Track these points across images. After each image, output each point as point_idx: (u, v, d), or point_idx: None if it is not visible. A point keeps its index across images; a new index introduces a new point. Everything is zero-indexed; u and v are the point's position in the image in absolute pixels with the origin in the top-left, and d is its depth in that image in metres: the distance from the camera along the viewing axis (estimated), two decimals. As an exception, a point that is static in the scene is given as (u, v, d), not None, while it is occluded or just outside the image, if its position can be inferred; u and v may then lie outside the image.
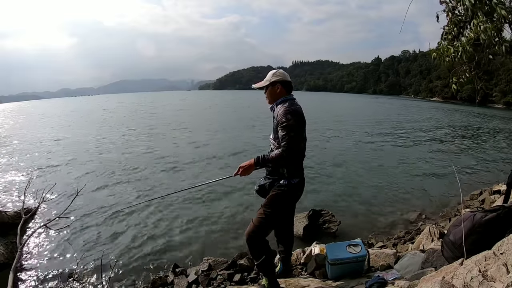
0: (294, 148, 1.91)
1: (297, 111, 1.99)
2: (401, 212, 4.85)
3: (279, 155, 1.90)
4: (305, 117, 2.10)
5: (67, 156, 8.79)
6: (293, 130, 1.89)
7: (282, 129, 1.90)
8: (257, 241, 2.02)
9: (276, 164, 1.99)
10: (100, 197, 5.41)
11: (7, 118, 24.59)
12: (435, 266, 2.14)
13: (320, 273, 2.47)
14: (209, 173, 6.83)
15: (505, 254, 1.52)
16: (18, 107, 44.64)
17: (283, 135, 1.89)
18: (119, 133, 13.28)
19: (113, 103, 42.13)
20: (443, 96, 61.59)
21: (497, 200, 4.15)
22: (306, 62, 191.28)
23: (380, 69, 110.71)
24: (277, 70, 2.14)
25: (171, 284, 2.93)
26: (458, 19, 2.52)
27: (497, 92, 45.48)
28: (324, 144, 10.60)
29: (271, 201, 2.02)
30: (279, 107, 2.01)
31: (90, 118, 21.04)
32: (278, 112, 1.98)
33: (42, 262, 3.43)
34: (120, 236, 4.03)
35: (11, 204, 5.00)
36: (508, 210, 1.97)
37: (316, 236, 3.78)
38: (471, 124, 18.73)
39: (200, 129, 14.18)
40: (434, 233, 2.94)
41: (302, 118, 2.02)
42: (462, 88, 2.82)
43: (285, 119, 1.90)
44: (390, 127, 16.03)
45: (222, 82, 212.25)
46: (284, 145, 1.88)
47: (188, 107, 32.57)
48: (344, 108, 33.83)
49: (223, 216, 4.65)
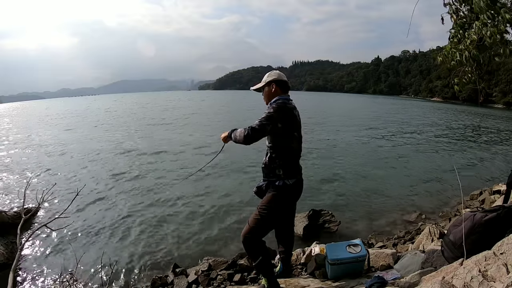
0: (257, 135, 1.92)
1: (287, 108, 1.99)
2: (401, 212, 4.85)
3: (242, 132, 1.94)
4: (300, 117, 2.10)
5: (67, 156, 8.80)
6: (270, 119, 1.91)
7: (262, 116, 1.94)
8: (253, 242, 2.00)
9: (236, 140, 2.02)
10: (100, 197, 5.40)
11: (7, 118, 24.60)
12: (435, 266, 2.14)
13: (320, 273, 2.47)
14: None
15: (505, 254, 1.52)
16: (17, 107, 44.63)
17: (258, 119, 1.92)
18: (119, 133, 13.29)
19: (113, 104, 42.11)
20: (443, 96, 61.62)
21: (497, 200, 4.15)
22: (306, 62, 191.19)
23: (380, 69, 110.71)
24: (272, 71, 2.14)
25: (171, 284, 2.93)
26: (463, 22, 2.51)
27: (497, 92, 45.49)
28: (323, 143, 10.59)
29: (267, 202, 2.01)
30: (273, 104, 2.01)
31: (90, 118, 21.03)
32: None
33: (42, 262, 3.43)
34: (120, 236, 4.03)
35: (11, 204, 5.00)
36: (508, 210, 1.96)
37: (316, 236, 3.79)
38: (471, 124, 18.73)
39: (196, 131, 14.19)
40: (434, 233, 2.94)
41: (291, 115, 2.00)
42: (463, 88, 2.81)
43: (269, 110, 1.95)
44: (390, 127, 16.02)
45: (222, 82, 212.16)
46: (252, 124, 1.91)
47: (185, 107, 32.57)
48: (344, 108, 33.83)
49: (223, 216, 4.64)
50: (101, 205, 5.01)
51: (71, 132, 13.98)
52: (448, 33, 2.69)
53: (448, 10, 2.60)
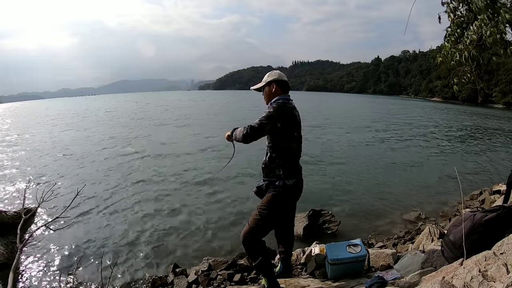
0: (256, 134, 1.92)
1: (286, 108, 1.99)
2: (401, 212, 4.85)
3: (241, 130, 1.95)
4: (300, 117, 2.10)
5: (67, 156, 8.80)
6: (270, 119, 1.91)
7: (262, 115, 1.94)
8: (252, 242, 2.00)
9: (236, 139, 2.02)
10: (100, 197, 5.40)
11: (7, 118, 24.59)
12: (435, 266, 2.14)
13: (320, 273, 2.47)
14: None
15: (505, 254, 1.52)
16: (16, 107, 44.63)
17: (259, 118, 1.93)
18: (119, 133, 13.29)
19: (113, 104, 42.11)
20: (443, 96, 61.57)
21: (497, 200, 4.15)
22: (306, 62, 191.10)
23: (380, 69, 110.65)
24: (273, 71, 2.15)
25: (171, 284, 2.93)
26: (461, 21, 2.51)
27: (497, 92, 45.44)
28: (324, 144, 10.59)
29: (267, 202, 2.01)
30: (273, 104, 2.01)
31: (90, 119, 21.03)
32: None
33: (42, 262, 3.43)
34: (120, 236, 4.03)
35: (11, 204, 5.00)
36: (508, 210, 1.96)
37: (316, 236, 3.78)
38: (471, 124, 18.71)
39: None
40: (434, 233, 2.94)
41: (290, 115, 2.01)
42: (463, 88, 2.81)
43: (269, 110, 1.95)
44: (390, 127, 16.02)
45: (222, 82, 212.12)
46: (252, 123, 1.92)
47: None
48: (344, 108, 33.83)
49: (223, 216, 4.64)
50: (101, 205, 5.00)
51: (71, 133, 13.98)
52: (444, 32, 2.70)
53: (446, 9, 2.60)
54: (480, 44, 2.33)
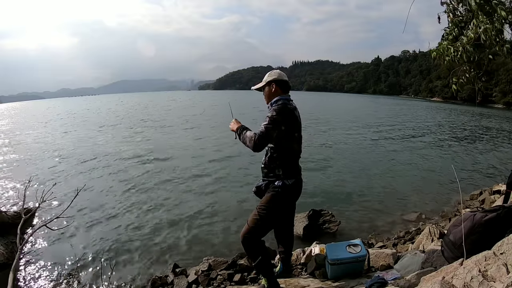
0: (265, 142, 1.93)
1: (288, 110, 1.99)
2: (401, 212, 4.85)
3: (251, 138, 1.93)
4: (300, 118, 2.10)
5: (67, 156, 8.80)
6: (275, 124, 1.91)
7: (265, 120, 1.93)
8: (252, 242, 2.00)
9: (246, 145, 2.00)
10: (100, 197, 5.40)
11: (7, 118, 24.59)
12: (435, 266, 2.14)
13: (320, 273, 2.47)
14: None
15: (505, 254, 1.52)
16: (16, 108, 44.62)
17: (263, 124, 1.92)
18: (119, 133, 13.29)
19: (114, 104, 42.11)
20: (443, 96, 61.52)
21: (497, 200, 4.15)
22: (306, 62, 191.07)
23: (380, 69, 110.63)
24: (273, 71, 2.14)
25: (171, 284, 2.93)
26: (459, 20, 2.52)
27: (497, 92, 45.41)
28: (324, 144, 10.59)
29: (266, 202, 2.01)
30: (274, 106, 2.00)
31: (91, 119, 21.03)
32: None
33: (42, 262, 3.43)
34: (120, 236, 4.03)
35: (11, 204, 5.00)
36: (508, 210, 1.96)
37: (316, 236, 3.78)
38: (471, 124, 18.72)
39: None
40: (434, 233, 2.94)
41: (293, 117, 2.01)
42: (462, 88, 2.81)
43: (271, 114, 1.94)
44: (390, 127, 16.01)
45: (222, 82, 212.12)
46: (258, 131, 1.92)
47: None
48: (344, 108, 33.83)
49: (223, 216, 4.64)
50: (101, 206, 5.00)
51: (71, 133, 13.97)
52: (443, 32, 2.70)
53: (445, 9, 2.61)
54: (478, 44, 2.34)
